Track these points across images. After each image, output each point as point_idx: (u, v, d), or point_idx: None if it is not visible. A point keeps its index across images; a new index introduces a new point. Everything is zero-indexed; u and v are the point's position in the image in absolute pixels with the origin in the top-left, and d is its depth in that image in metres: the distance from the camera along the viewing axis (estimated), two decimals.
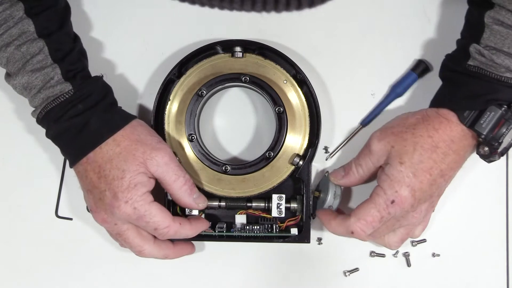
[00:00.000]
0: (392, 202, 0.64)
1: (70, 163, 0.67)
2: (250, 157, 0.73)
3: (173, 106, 0.71)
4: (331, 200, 0.70)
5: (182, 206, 0.68)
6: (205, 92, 0.70)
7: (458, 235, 0.74)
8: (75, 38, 0.70)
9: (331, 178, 0.71)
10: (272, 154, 0.70)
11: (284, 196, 0.71)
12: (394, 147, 0.65)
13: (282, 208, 0.70)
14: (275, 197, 0.71)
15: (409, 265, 0.74)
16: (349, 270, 0.74)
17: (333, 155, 0.75)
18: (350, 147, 0.74)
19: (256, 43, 0.72)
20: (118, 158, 0.64)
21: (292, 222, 0.71)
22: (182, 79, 0.71)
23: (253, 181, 0.70)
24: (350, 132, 0.75)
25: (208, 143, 0.74)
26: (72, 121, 0.65)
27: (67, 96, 0.65)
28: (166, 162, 0.65)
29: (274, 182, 0.70)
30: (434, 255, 0.74)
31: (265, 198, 0.71)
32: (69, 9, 0.69)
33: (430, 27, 0.75)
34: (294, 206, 0.71)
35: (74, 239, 0.74)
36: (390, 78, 0.75)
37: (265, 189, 0.70)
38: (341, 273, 0.74)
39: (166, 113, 0.71)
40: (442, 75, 0.71)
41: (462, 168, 0.72)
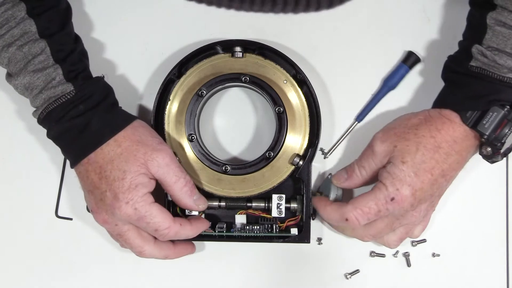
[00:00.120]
0: (392, 199, 0.64)
1: (71, 164, 0.67)
2: (250, 157, 0.73)
3: (173, 106, 0.71)
4: (334, 199, 0.70)
5: (182, 207, 0.68)
6: (205, 92, 0.70)
7: (458, 235, 0.74)
8: (76, 39, 0.70)
9: (334, 181, 0.70)
10: (272, 154, 0.70)
11: (284, 196, 0.71)
12: (397, 147, 0.65)
13: (282, 208, 0.70)
14: (275, 197, 0.71)
15: (409, 265, 0.74)
16: (350, 272, 0.74)
17: (330, 153, 0.75)
18: (348, 146, 0.75)
19: (256, 43, 0.72)
20: (119, 159, 0.64)
21: (292, 222, 0.71)
22: (182, 79, 0.71)
23: (253, 181, 0.70)
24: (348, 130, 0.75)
25: (208, 143, 0.74)
26: (73, 121, 0.65)
27: (69, 96, 0.65)
28: (167, 163, 0.65)
29: (274, 182, 0.70)
30: (434, 255, 0.74)
31: (265, 198, 0.71)
32: (70, 9, 0.69)
33: (431, 28, 0.75)
34: (294, 206, 0.71)
35: (74, 239, 0.74)
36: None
37: (265, 189, 0.70)
38: (341, 273, 0.74)
39: (166, 113, 0.71)
40: (444, 76, 0.70)
41: (463, 168, 0.72)
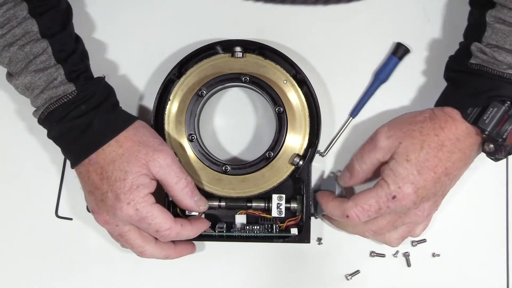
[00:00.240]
0: (393, 197, 0.64)
1: (71, 164, 0.67)
2: (250, 157, 0.73)
3: (173, 106, 0.71)
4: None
5: (183, 208, 0.68)
6: (205, 92, 0.70)
7: (458, 235, 0.74)
8: (77, 39, 0.69)
9: (340, 183, 0.71)
10: (272, 154, 0.70)
11: (284, 196, 0.71)
12: (402, 143, 0.65)
13: (282, 208, 0.70)
14: (275, 197, 0.71)
15: (409, 265, 0.74)
16: (350, 273, 0.74)
17: (328, 151, 0.74)
18: (346, 144, 0.75)
19: (256, 43, 0.72)
20: (121, 159, 0.64)
21: (292, 222, 0.71)
22: (182, 79, 0.71)
23: (253, 181, 0.70)
24: (348, 130, 0.75)
25: (208, 143, 0.74)
26: (75, 121, 0.65)
27: (70, 97, 0.65)
28: (168, 164, 0.65)
29: (274, 182, 0.70)
30: (434, 255, 0.74)
31: (265, 198, 0.71)
32: (71, 10, 0.69)
33: (432, 28, 0.75)
34: (294, 206, 0.71)
35: (74, 239, 0.74)
36: (390, 78, 0.75)
37: (265, 189, 0.70)
38: (341, 273, 0.74)
39: (166, 113, 0.71)
40: (446, 76, 0.71)
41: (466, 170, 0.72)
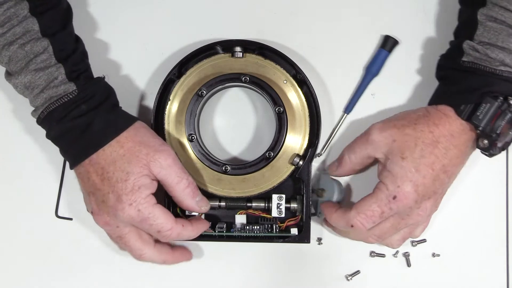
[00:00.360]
0: (394, 198, 0.64)
1: (70, 165, 0.67)
2: (250, 157, 0.73)
3: (173, 106, 0.71)
4: (339, 196, 0.71)
5: (184, 208, 0.68)
6: (205, 92, 0.70)
7: (458, 235, 0.74)
8: (77, 39, 0.69)
9: (328, 172, 0.71)
10: (272, 154, 0.70)
11: (284, 196, 0.71)
12: (396, 141, 0.65)
13: (282, 208, 0.70)
14: (275, 197, 0.71)
15: (409, 265, 0.74)
16: (350, 274, 0.74)
17: (325, 149, 0.74)
18: (344, 142, 0.74)
19: (256, 43, 0.72)
20: (122, 160, 0.64)
21: (292, 222, 0.71)
22: (182, 79, 0.71)
23: (253, 181, 0.70)
24: (347, 129, 0.75)
25: (208, 143, 0.74)
26: (75, 121, 0.64)
27: (71, 96, 0.64)
28: (169, 164, 0.65)
29: (274, 182, 0.70)
30: (434, 255, 0.74)
31: (265, 198, 0.71)
32: (71, 10, 0.69)
33: (431, 26, 0.75)
34: (294, 206, 0.71)
35: (74, 239, 0.74)
36: (389, 78, 0.75)
37: (265, 189, 0.70)
38: (341, 273, 0.74)
39: (166, 113, 0.71)
40: (438, 75, 0.71)
41: (463, 167, 0.72)
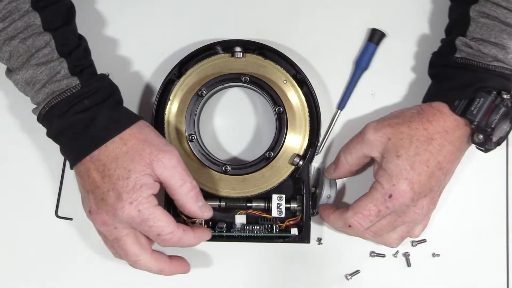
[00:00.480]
0: (390, 196, 0.64)
1: (71, 162, 0.65)
2: (250, 157, 0.73)
3: (173, 106, 0.71)
4: (328, 189, 0.70)
5: (186, 213, 0.66)
6: (205, 92, 0.70)
7: (458, 235, 0.74)
8: (80, 37, 0.68)
9: (326, 175, 0.71)
10: (272, 154, 0.70)
11: (284, 196, 0.71)
12: (391, 140, 0.65)
13: (282, 208, 0.70)
14: (275, 197, 0.70)
15: (409, 265, 0.74)
16: (350, 273, 0.74)
17: (322, 147, 0.74)
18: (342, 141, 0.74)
19: (256, 43, 0.72)
20: (124, 157, 0.62)
21: (292, 222, 0.71)
22: (182, 79, 0.71)
23: (253, 181, 0.70)
24: (346, 130, 0.75)
25: (208, 143, 0.74)
26: (77, 116, 0.62)
27: (74, 90, 0.63)
28: (173, 165, 0.63)
29: (274, 182, 0.70)
30: (434, 255, 0.74)
31: (265, 198, 0.71)
32: (74, 8, 0.68)
33: (431, 27, 0.75)
34: (294, 206, 0.71)
35: (74, 239, 0.74)
36: (389, 78, 0.75)
37: (265, 189, 0.70)
38: (341, 273, 0.74)
39: (166, 113, 0.71)
40: (430, 73, 0.71)
41: (462, 168, 0.72)
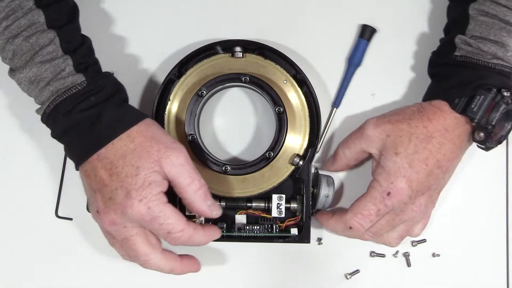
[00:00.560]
0: (388, 194, 0.64)
1: (77, 162, 0.63)
2: (250, 157, 0.73)
3: (173, 106, 0.71)
4: (325, 189, 0.70)
5: (195, 212, 0.64)
6: (205, 92, 0.70)
7: (458, 235, 0.74)
8: (84, 36, 0.67)
9: (325, 168, 0.72)
10: (272, 154, 0.70)
11: (284, 196, 0.71)
12: (390, 137, 0.65)
13: (282, 208, 0.70)
14: (275, 197, 0.70)
15: (409, 265, 0.74)
16: (350, 272, 0.74)
17: (320, 146, 0.74)
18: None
19: (256, 43, 0.72)
20: (132, 154, 0.60)
21: (292, 222, 0.71)
22: (182, 79, 0.71)
23: (253, 181, 0.70)
24: (347, 130, 0.75)
25: (208, 143, 0.74)
26: (83, 114, 0.61)
27: (80, 87, 0.62)
28: (181, 163, 0.62)
29: (274, 182, 0.70)
30: (434, 255, 0.74)
31: (265, 198, 0.71)
32: (77, 8, 0.68)
33: (431, 25, 0.75)
34: (294, 206, 0.71)
35: (74, 239, 0.74)
36: (389, 78, 0.75)
37: (265, 189, 0.70)
38: (341, 273, 0.74)
39: (166, 113, 0.71)
40: (430, 72, 0.71)
41: (462, 168, 0.72)
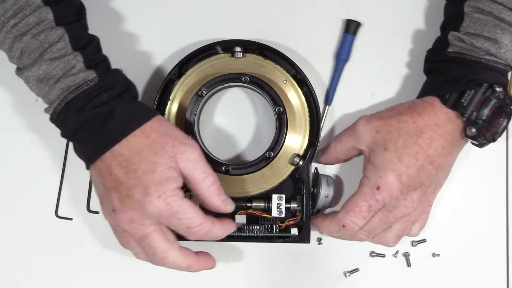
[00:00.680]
0: (377, 189, 0.64)
1: (89, 160, 0.62)
2: (250, 157, 0.73)
3: (173, 106, 0.71)
4: (325, 188, 0.70)
5: (209, 208, 0.64)
6: (205, 92, 0.70)
7: (458, 235, 0.74)
8: (92, 34, 0.66)
9: (315, 158, 0.72)
10: (272, 154, 0.70)
11: (284, 196, 0.70)
12: (379, 133, 0.66)
13: (282, 208, 0.70)
14: (275, 197, 0.70)
15: (409, 265, 0.74)
16: (349, 270, 0.74)
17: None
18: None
19: (256, 43, 0.72)
20: (148, 150, 0.60)
21: (292, 222, 0.71)
22: (182, 79, 0.71)
23: (253, 181, 0.70)
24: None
25: (208, 143, 0.74)
26: (96, 110, 0.60)
27: (91, 84, 0.61)
28: (195, 158, 0.61)
29: (274, 182, 0.70)
30: (434, 255, 0.74)
31: (265, 198, 0.71)
32: (84, 7, 0.67)
33: (432, 24, 0.75)
34: (294, 206, 0.71)
35: (74, 239, 0.74)
36: (390, 78, 0.75)
37: (265, 189, 0.70)
38: (341, 273, 0.74)
39: (166, 113, 0.71)
40: (425, 69, 0.71)
41: (461, 167, 0.72)
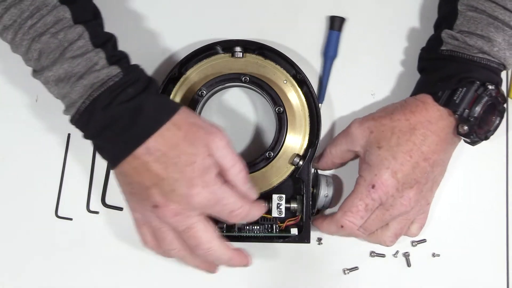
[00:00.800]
0: (373, 187, 0.64)
1: (117, 159, 0.60)
2: (250, 157, 0.73)
3: None
4: (325, 189, 0.70)
5: None
6: (205, 92, 0.70)
7: (458, 235, 0.74)
8: (109, 33, 0.65)
9: (312, 164, 0.71)
10: (272, 154, 0.70)
11: (284, 196, 0.71)
12: (373, 133, 0.66)
13: (282, 208, 0.70)
14: (275, 197, 0.70)
15: (409, 265, 0.74)
16: (348, 268, 0.74)
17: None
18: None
19: (256, 43, 0.72)
20: (184, 142, 0.59)
21: (292, 222, 0.71)
22: (182, 79, 0.71)
23: (253, 181, 0.70)
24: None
25: None
26: (123, 106, 0.59)
27: (117, 79, 0.60)
28: (224, 146, 0.61)
29: (274, 182, 0.70)
30: (434, 255, 0.74)
31: (265, 198, 0.71)
32: (98, 8, 0.66)
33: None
34: (294, 206, 0.71)
35: (74, 239, 0.74)
36: (390, 78, 0.75)
37: (265, 189, 0.70)
38: (341, 273, 0.74)
39: None
40: (418, 67, 0.71)
41: (461, 167, 0.72)
